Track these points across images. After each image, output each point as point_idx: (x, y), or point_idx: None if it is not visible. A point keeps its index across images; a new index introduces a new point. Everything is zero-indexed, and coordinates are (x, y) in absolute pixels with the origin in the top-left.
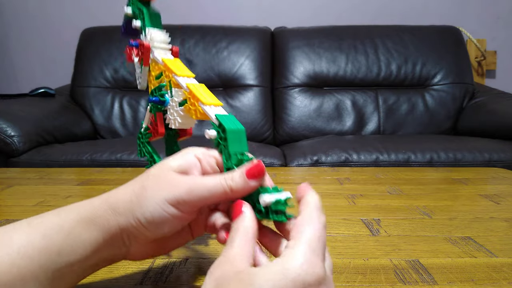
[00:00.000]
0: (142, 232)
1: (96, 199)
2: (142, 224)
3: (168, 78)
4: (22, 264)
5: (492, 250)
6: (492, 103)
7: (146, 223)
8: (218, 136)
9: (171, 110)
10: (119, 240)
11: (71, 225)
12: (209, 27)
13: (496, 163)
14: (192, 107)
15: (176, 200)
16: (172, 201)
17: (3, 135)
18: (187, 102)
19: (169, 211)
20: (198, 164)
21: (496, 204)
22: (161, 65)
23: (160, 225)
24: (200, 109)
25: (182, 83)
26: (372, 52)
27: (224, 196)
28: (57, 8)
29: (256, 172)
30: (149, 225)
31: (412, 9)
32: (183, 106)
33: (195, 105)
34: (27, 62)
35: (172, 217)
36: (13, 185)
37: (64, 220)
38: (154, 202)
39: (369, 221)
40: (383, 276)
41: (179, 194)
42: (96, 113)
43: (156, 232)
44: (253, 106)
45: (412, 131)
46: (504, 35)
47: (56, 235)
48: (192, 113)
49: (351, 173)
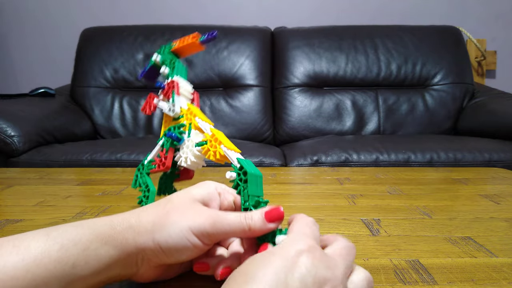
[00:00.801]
0: (157, 256)
1: (116, 217)
2: (161, 248)
3: (189, 120)
4: (37, 272)
5: (492, 250)
6: (492, 103)
7: (165, 248)
8: (238, 178)
9: (185, 149)
10: (133, 261)
11: (89, 239)
12: (209, 27)
13: (496, 163)
14: (212, 148)
15: (200, 230)
16: (196, 230)
17: (3, 135)
18: (206, 144)
19: (191, 240)
20: (218, 198)
21: (496, 204)
22: (183, 108)
23: (179, 252)
24: (221, 151)
25: (206, 127)
26: (372, 52)
27: (242, 234)
28: (57, 8)
29: (276, 215)
30: (167, 250)
31: (412, 9)
32: (200, 147)
33: (216, 147)
34: (27, 62)
35: (192, 246)
36: (13, 185)
37: (83, 234)
38: (178, 229)
39: (369, 221)
40: (383, 276)
41: (203, 225)
42: (96, 113)
43: (172, 257)
44: (253, 106)
45: (412, 131)
46: (504, 35)
47: (73, 248)
48: (210, 154)
49: (351, 173)
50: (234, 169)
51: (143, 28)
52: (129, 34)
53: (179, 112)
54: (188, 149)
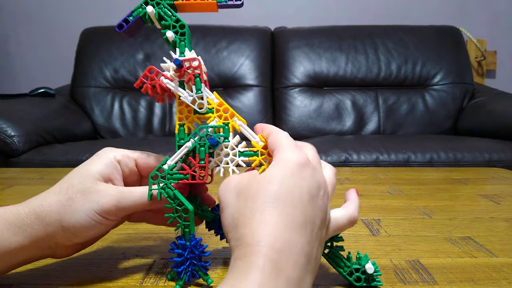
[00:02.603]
0: (70, 239)
1: (22, 207)
2: (71, 232)
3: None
4: None
5: (492, 250)
6: (492, 103)
7: (75, 232)
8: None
9: (224, 157)
10: (45, 245)
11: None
12: (209, 27)
13: (496, 163)
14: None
15: (105, 211)
16: (101, 212)
17: (3, 135)
18: (256, 155)
19: (98, 221)
20: (118, 166)
21: (496, 204)
22: (212, 101)
23: (89, 232)
24: None
25: (253, 134)
26: (372, 52)
27: (148, 207)
28: (57, 8)
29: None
30: (78, 233)
31: (412, 9)
32: (248, 158)
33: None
34: (27, 62)
35: (101, 225)
36: (13, 185)
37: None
38: (84, 214)
39: (369, 221)
40: (383, 276)
41: (107, 206)
42: (96, 113)
43: (83, 238)
44: (253, 106)
45: (412, 131)
46: (504, 35)
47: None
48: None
49: (351, 173)
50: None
51: (143, 28)
52: None
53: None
54: (228, 157)
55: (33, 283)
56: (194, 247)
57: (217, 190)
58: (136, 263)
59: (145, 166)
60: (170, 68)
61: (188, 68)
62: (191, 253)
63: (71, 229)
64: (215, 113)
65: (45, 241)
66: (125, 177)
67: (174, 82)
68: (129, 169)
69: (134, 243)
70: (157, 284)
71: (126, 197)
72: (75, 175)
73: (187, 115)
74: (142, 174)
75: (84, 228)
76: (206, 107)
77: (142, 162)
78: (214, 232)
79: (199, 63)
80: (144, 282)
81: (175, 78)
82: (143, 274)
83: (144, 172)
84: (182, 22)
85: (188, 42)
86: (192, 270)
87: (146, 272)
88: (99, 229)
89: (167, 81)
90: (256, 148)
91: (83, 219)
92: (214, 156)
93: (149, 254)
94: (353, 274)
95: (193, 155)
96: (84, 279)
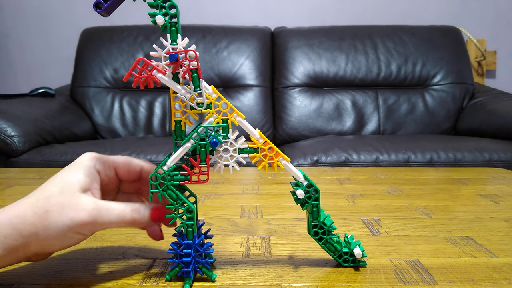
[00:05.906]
0: (44, 249)
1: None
2: (47, 244)
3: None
4: None
5: (492, 250)
6: (492, 103)
7: (50, 244)
8: (307, 195)
9: (224, 155)
10: (21, 254)
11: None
12: (209, 27)
13: (496, 163)
14: (266, 159)
15: (81, 227)
16: (76, 228)
17: (3, 135)
18: (256, 152)
19: (73, 236)
20: (98, 176)
21: (496, 204)
22: (210, 96)
23: (63, 244)
24: (281, 165)
25: (253, 131)
26: (372, 52)
27: (126, 226)
28: (57, 8)
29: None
30: (52, 245)
31: (412, 9)
32: (248, 155)
33: (273, 159)
34: (27, 62)
35: (75, 239)
36: (13, 185)
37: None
38: (58, 229)
39: (369, 221)
40: (383, 276)
41: (83, 222)
42: (96, 113)
43: (57, 249)
44: (253, 106)
45: (412, 131)
46: (504, 35)
47: None
48: (263, 165)
49: (351, 173)
50: (301, 187)
51: (143, 28)
52: (129, 34)
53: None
54: (228, 154)
55: (33, 283)
56: (199, 245)
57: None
58: (136, 263)
59: (125, 173)
60: (162, 59)
61: (183, 60)
62: (195, 251)
63: (46, 241)
64: (213, 109)
65: (20, 251)
66: (103, 185)
67: (167, 75)
68: (108, 178)
69: (134, 243)
70: (157, 284)
71: (103, 216)
72: (54, 186)
73: (184, 110)
74: (122, 180)
75: (59, 241)
76: (205, 105)
77: (122, 170)
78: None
79: (196, 55)
80: (144, 282)
81: (168, 70)
82: (143, 274)
83: (124, 178)
84: (172, 3)
85: (179, 27)
86: (195, 268)
87: (146, 272)
88: (73, 242)
89: (160, 76)
90: (256, 145)
91: (57, 234)
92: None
93: (149, 254)
94: (342, 256)
95: (193, 155)
96: (84, 279)
